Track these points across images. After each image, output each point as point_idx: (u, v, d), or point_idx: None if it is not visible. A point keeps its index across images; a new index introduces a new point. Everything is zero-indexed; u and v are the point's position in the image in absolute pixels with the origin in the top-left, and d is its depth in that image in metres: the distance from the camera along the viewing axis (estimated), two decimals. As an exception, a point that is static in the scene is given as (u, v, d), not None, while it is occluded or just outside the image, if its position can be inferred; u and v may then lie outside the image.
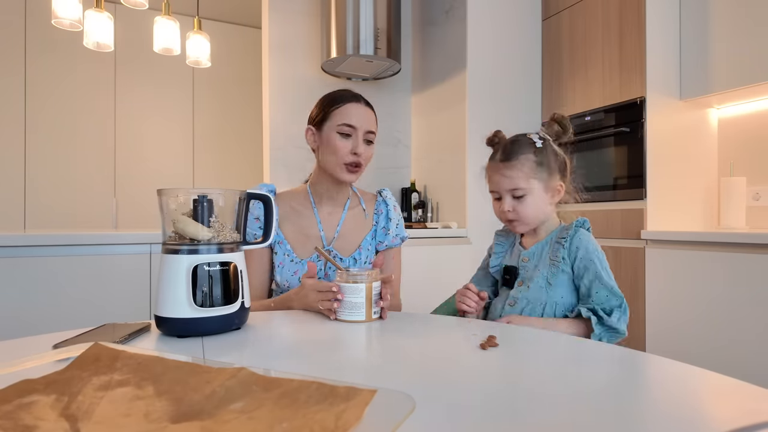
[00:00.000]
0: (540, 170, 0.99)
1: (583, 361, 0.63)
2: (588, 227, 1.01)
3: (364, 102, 1.15)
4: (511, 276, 1.04)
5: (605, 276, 0.95)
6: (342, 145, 1.10)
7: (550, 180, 1.01)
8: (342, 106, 1.12)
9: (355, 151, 1.10)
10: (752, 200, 2.17)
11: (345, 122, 1.10)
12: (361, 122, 1.11)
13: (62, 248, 1.60)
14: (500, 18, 2.54)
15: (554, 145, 1.02)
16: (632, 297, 2.08)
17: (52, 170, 3.39)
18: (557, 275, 0.97)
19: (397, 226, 1.23)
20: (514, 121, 2.57)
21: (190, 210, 0.78)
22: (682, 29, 2.21)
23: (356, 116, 1.11)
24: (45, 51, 3.37)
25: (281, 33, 2.63)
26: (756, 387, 0.51)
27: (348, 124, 1.10)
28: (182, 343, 0.71)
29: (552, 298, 0.97)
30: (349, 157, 1.10)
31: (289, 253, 1.14)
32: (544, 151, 1.00)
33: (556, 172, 1.01)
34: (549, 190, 1.01)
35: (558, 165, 1.02)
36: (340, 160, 1.11)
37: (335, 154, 1.11)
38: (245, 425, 0.38)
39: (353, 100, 1.14)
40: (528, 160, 0.99)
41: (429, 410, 0.45)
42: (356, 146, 1.10)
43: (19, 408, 0.40)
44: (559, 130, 1.03)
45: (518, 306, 1.00)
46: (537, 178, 0.99)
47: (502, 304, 1.04)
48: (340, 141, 1.10)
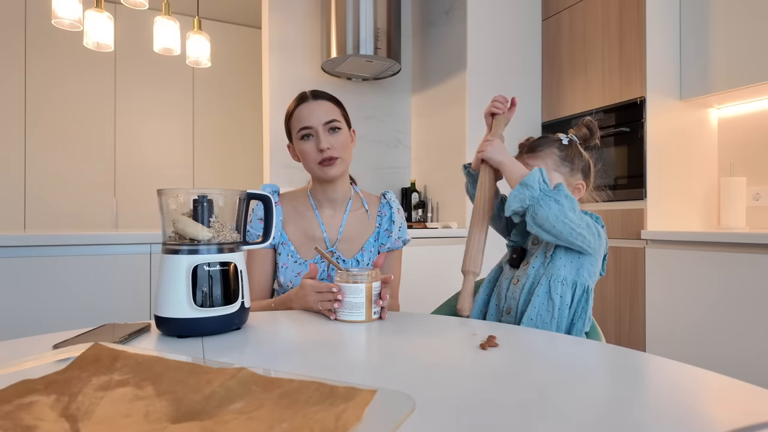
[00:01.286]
0: (563, 165, 1.02)
1: (583, 361, 0.63)
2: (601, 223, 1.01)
3: (312, 96, 1.15)
4: (519, 256, 1.05)
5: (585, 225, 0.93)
6: (308, 148, 1.12)
7: (572, 177, 1.03)
8: (294, 113, 1.14)
9: (320, 147, 1.11)
10: (752, 200, 2.17)
11: (300, 126, 1.12)
12: (314, 118, 1.12)
13: (62, 248, 1.60)
14: (500, 18, 2.54)
15: (580, 148, 1.06)
16: (632, 297, 2.08)
17: (52, 170, 3.39)
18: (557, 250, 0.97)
19: (400, 229, 1.23)
20: (514, 121, 2.56)
21: (190, 210, 0.78)
22: (682, 29, 2.21)
23: (307, 116, 1.12)
24: (45, 51, 3.37)
25: (281, 33, 2.63)
26: (756, 387, 0.51)
27: (303, 127, 1.12)
28: (182, 343, 0.71)
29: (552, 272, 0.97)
30: (319, 156, 1.11)
31: (293, 254, 1.14)
32: (570, 150, 1.04)
33: (578, 172, 1.04)
34: (569, 186, 1.02)
35: (581, 166, 1.05)
36: (313, 161, 1.12)
37: (307, 160, 1.13)
38: (245, 425, 0.38)
39: (300, 102, 1.15)
40: (553, 153, 1.03)
41: (429, 410, 0.45)
42: (319, 142, 1.11)
43: (18, 408, 0.40)
44: (586, 133, 1.06)
45: (521, 283, 1.01)
46: (559, 172, 1.02)
47: (507, 284, 1.04)
48: (305, 145, 1.12)
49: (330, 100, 1.16)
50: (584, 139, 1.06)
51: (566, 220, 0.88)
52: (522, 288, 1.00)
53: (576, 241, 0.92)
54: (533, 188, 0.89)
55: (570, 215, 0.89)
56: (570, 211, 0.89)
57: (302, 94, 1.16)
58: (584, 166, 1.05)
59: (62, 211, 3.41)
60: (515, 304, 1.00)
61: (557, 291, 0.95)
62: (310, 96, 1.15)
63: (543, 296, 0.96)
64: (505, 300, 1.03)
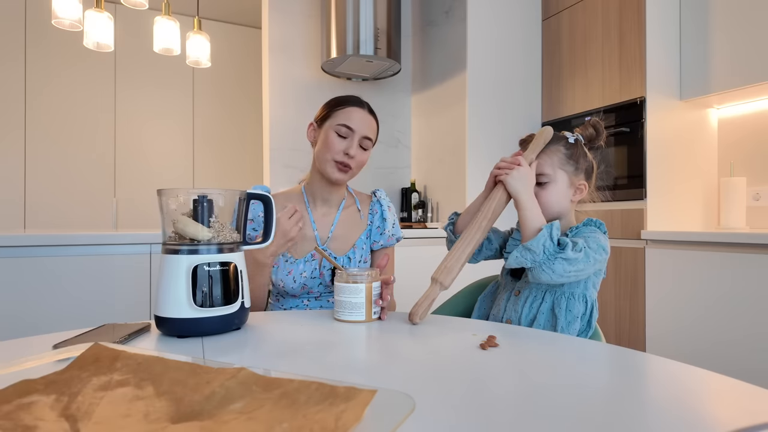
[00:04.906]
0: (568, 164, 1.01)
1: (583, 361, 0.63)
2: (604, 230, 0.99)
3: (368, 109, 1.18)
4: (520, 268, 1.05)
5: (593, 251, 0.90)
6: (336, 142, 1.12)
7: (575, 176, 1.02)
8: (345, 108, 1.15)
9: (348, 152, 1.12)
10: (752, 200, 2.17)
11: (344, 123, 1.13)
12: (360, 126, 1.13)
13: (62, 248, 1.60)
14: (500, 18, 2.54)
15: (585, 148, 1.05)
16: (632, 297, 2.08)
17: (52, 170, 3.39)
18: None
19: (393, 226, 1.25)
20: (514, 121, 2.58)
21: (190, 210, 0.78)
22: (682, 29, 2.21)
23: (356, 120, 1.13)
24: (45, 51, 3.37)
25: (281, 33, 2.63)
26: (756, 387, 0.51)
27: (346, 125, 1.13)
28: (182, 343, 0.71)
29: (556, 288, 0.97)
30: (341, 156, 1.12)
31: (284, 253, 1.15)
32: (575, 149, 1.02)
33: (582, 172, 1.03)
34: (572, 185, 1.02)
35: (585, 166, 1.03)
36: (332, 156, 1.12)
37: (328, 150, 1.13)
38: (245, 425, 0.38)
39: (357, 105, 1.16)
40: (558, 151, 1.01)
41: (429, 410, 0.45)
42: (350, 147, 1.12)
43: (18, 408, 0.40)
44: (592, 134, 1.05)
45: (522, 295, 1.00)
46: (564, 170, 1.01)
47: (508, 295, 1.04)
48: (335, 139, 1.12)
49: (377, 123, 1.19)
50: (590, 140, 1.05)
51: (569, 275, 0.87)
52: (524, 300, 0.99)
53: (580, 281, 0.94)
54: (536, 253, 0.87)
55: (572, 269, 0.86)
56: (573, 264, 0.86)
57: (364, 101, 1.18)
58: (588, 166, 1.04)
59: (62, 211, 3.41)
60: (516, 316, 0.99)
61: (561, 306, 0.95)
62: (368, 107, 1.18)
63: (547, 313, 0.96)
64: (505, 311, 1.03)
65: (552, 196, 0.99)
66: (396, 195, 2.97)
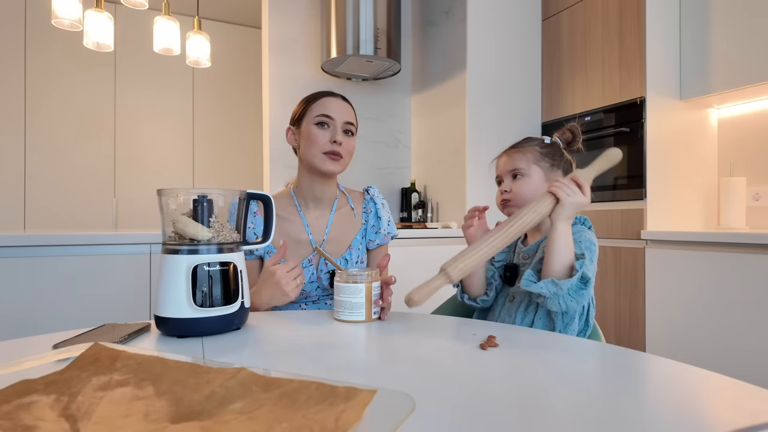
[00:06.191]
0: (543, 160, 1.03)
1: (583, 361, 0.63)
2: (589, 225, 1.02)
3: (341, 97, 1.17)
4: (512, 274, 1.05)
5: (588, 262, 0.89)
6: (320, 134, 1.11)
7: (552, 173, 1.04)
8: (319, 99, 1.14)
9: (334, 140, 1.10)
10: (752, 200, 2.17)
11: (322, 113, 1.12)
12: (339, 113, 1.12)
13: (62, 248, 1.60)
14: (500, 18, 2.54)
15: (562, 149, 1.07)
16: (632, 297, 2.08)
17: (52, 170, 3.39)
18: None
19: (389, 224, 1.23)
20: (514, 122, 2.58)
21: (190, 210, 0.78)
22: (682, 29, 2.21)
23: (334, 108, 1.13)
24: (45, 51, 3.37)
25: (281, 33, 2.63)
26: (756, 387, 0.51)
27: (325, 114, 1.11)
28: (182, 343, 0.71)
29: None
30: (329, 146, 1.10)
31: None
32: (552, 148, 1.05)
33: (558, 168, 1.04)
34: (549, 181, 1.02)
35: (562, 164, 1.05)
36: (320, 149, 1.10)
37: (314, 144, 1.10)
38: (245, 425, 0.38)
39: (329, 94, 1.16)
40: (534, 149, 1.04)
41: (429, 410, 0.45)
42: (335, 135, 1.11)
43: (18, 408, 0.40)
44: (569, 137, 1.07)
45: (516, 301, 1.00)
46: (539, 166, 1.03)
47: (502, 301, 1.04)
48: (318, 131, 1.11)
49: (354, 111, 1.18)
50: (567, 143, 1.07)
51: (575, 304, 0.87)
52: (519, 305, 1.00)
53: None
54: (562, 289, 0.85)
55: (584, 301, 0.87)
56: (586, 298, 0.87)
57: (329, 91, 1.18)
58: (565, 163, 1.06)
59: (62, 211, 3.41)
60: (510, 321, 1.00)
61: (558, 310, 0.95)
62: (341, 96, 1.17)
63: (544, 318, 0.96)
64: (499, 317, 1.03)
65: (525, 189, 1.02)
66: (396, 195, 2.97)
